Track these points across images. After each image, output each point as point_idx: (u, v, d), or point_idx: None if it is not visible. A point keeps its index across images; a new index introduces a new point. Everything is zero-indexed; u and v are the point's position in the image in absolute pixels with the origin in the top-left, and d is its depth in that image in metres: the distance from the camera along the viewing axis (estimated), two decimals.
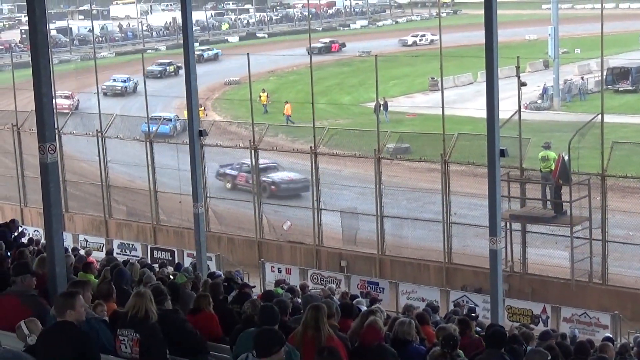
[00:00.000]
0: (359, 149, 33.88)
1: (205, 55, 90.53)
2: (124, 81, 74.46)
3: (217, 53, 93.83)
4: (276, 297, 15.79)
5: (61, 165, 36.04)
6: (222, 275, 21.41)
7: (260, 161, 35.66)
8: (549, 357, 11.76)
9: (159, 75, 79.23)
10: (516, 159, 29.19)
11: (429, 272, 31.08)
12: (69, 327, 9.68)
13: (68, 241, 30.98)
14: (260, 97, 63.47)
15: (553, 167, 28.68)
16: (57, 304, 9.96)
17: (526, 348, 14.09)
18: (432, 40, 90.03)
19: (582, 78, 68.38)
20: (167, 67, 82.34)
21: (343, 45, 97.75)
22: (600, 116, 28.97)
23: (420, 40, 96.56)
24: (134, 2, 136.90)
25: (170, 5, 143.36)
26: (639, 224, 29.08)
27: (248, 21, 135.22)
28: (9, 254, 18.16)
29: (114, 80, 74.70)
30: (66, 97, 61.46)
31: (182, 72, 39.01)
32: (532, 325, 24.24)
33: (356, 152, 33.71)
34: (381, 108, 49.09)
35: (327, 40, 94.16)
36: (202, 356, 11.74)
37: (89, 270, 17.56)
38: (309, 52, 35.48)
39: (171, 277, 20.28)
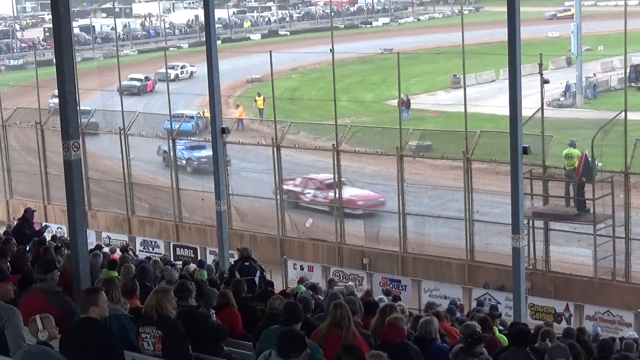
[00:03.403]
0: (381, 146, 33.81)
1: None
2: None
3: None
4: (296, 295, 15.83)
5: (84, 162, 36.18)
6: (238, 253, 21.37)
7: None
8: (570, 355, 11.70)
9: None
10: (539, 157, 29.06)
11: (451, 270, 31.02)
12: (92, 323, 9.74)
13: (91, 238, 31.06)
14: (256, 101, 63.12)
15: (576, 165, 28.59)
16: (81, 300, 10.01)
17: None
18: (192, 73, 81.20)
19: (594, 74, 67.91)
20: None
21: (155, 83, 79.34)
22: (623, 113, 28.84)
23: (182, 73, 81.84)
24: (156, 0, 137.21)
25: (193, 3, 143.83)
26: None
27: (270, 19, 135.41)
28: (27, 248, 18.30)
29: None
30: None
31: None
32: (555, 324, 24.17)
33: (378, 150, 33.65)
34: (403, 106, 49.00)
35: (141, 76, 77.56)
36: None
37: (114, 267, 17.67)
38: (331, 50, 35.39)
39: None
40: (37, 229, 24.28)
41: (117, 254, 25.85)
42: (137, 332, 10.83)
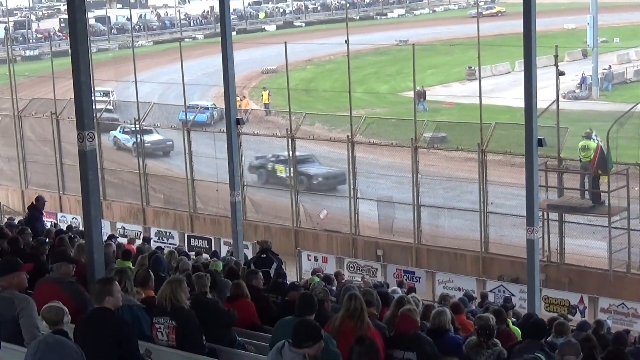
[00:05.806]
0: (395, 138, 33.75)
1: None
2: None
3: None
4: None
5: (99, 153, 36.20)
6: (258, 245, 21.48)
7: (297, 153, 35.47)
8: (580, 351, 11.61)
9: None
10: (554, 149, 28.96)
11: (465, 262, 30.98)
12: (107, 313, 9.76)
13: (106, 229, 31.16)
14: (262, 95, 62.92)
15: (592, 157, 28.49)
16: (96, 290, 10.02)
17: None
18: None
19: (609, 66, 67.58)
20: None
21: None
22: (639, 106, 28.72)
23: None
24: None
25: None
26: None
27: (285, 10, 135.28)
28: (47, 240, 18.34)
29: None
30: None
31: None
32: (569, 316, 24.13)
33: (393, 141, 33.59)
34: (419, 97, 48.88)
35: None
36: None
37: (128, 258, 17.71)
38: (346, 42, 35.34)
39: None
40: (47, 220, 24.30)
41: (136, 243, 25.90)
42: (150, 322, 10.84)
